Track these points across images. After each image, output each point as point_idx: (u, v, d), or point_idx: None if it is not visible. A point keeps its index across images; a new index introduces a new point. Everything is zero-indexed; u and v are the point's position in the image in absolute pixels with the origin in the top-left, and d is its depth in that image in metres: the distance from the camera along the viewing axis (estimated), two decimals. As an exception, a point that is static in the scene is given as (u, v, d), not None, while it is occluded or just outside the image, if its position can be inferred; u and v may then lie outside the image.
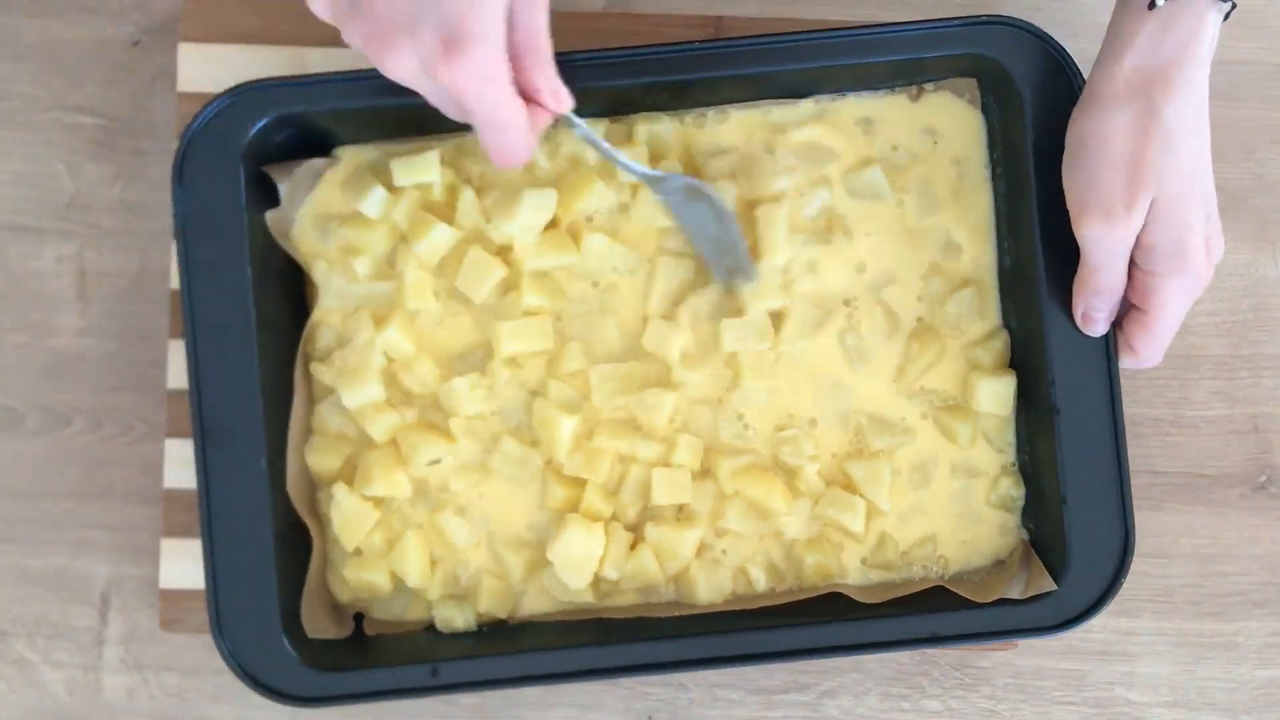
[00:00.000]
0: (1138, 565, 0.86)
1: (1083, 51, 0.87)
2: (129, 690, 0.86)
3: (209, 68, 0.84)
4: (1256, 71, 0.88)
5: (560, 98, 0.70)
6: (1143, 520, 0.86)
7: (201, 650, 0.86)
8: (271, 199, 0.81)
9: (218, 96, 0.78)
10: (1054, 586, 0.78)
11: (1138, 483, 0.86)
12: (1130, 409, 0.86)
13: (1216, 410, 0.87)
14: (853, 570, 0.82)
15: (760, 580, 0.82)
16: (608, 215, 0.83)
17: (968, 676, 0.86)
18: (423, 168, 0.81)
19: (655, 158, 0.82)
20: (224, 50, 0.85)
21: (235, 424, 0.78)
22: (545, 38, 0.68)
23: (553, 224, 0.82)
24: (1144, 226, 0.73)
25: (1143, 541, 0.86)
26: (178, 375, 0.85)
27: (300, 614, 0.79)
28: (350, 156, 0.83)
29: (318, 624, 0.80)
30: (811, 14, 0.87)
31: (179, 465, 0.84)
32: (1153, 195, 0.72)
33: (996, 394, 0.82)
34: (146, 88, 0.88)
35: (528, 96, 0.69)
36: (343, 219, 0.82)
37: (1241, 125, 0.88)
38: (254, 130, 0.78)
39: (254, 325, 0.78)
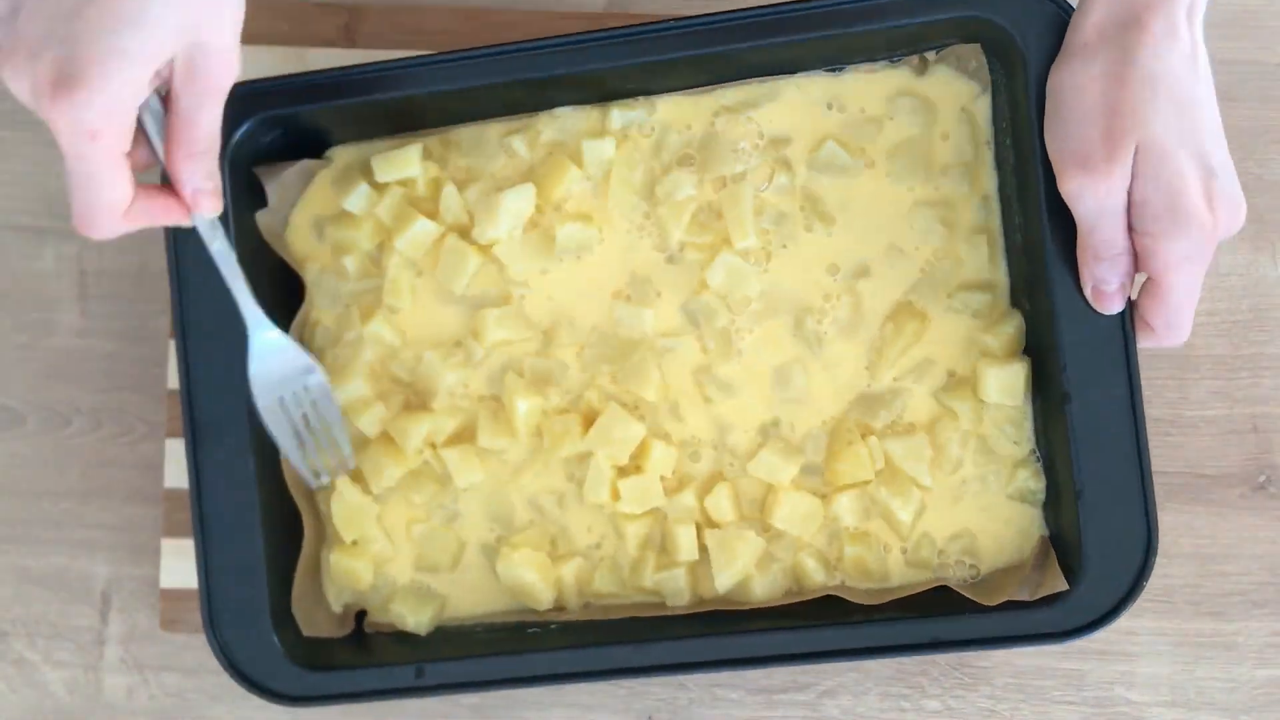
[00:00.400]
0: (1137, 565, 0.86)
1: (1082, 51, 0.87)
2: (129, 690, 0.86)
3: (209, 68, 0.84)
4: (1256, 71, 0.88)
5: (199, 200, 0.66)
6: (1142, 520, 0.86)
7: (201, 650, 0.86)
8: (263, 200, 0.81)
9: None
10: (1065, 587, 0.74)
11: (1137, 483, 0.86)
12: (1130, 409, 0.87)
13: (1216, 410, 0.87)
14: (895, 569, 0.80)
15: (818, 572, 0.80)
16: (580, 199, 0.83)
17: (968, 676, 0.86)
18: (404, 162, 0.81)
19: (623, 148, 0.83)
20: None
21: (225, 422, 0.78)
22: (205, 130, 0.64)
23: (536, 210, 0.82)
24: (1132, 183, 0.68)
25: (1142, 541, 0.86)
26: (177, 375, 0.85)
27: (292, 611, 0.79)
28: (341, 156, 0.83)
29: (313, 620, 0.80)
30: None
31: (179, 465, 0.84)
32: (1134, 144, 0.67)
33: (1005, 383, 0.78)
34: (146, 88, 0.88)
35: (170, 185, 0.65)
36: (332, 218, 0.82)
37: (1241, 125, 0.88)
38: (239, 133, 0.78)
39: (245, 325, 0.78)
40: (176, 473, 0.85)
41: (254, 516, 0.78)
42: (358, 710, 0.85)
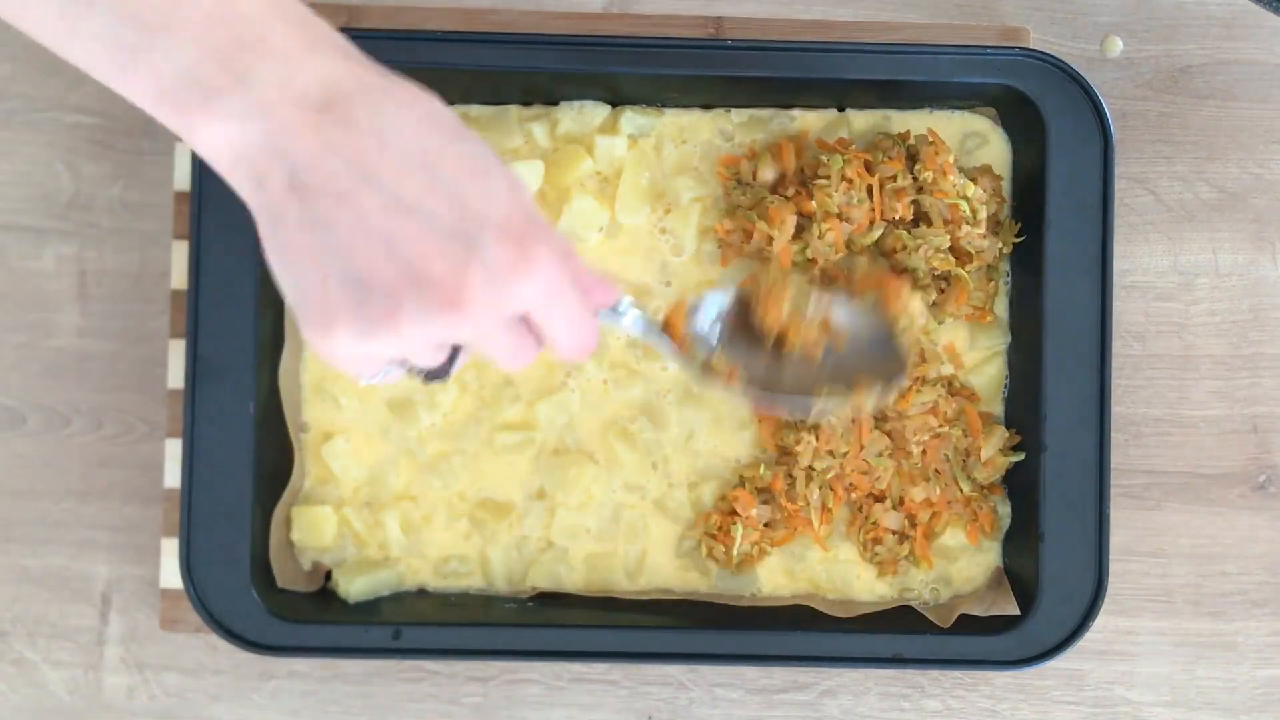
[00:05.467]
0: (1138, 565, 0.86)
1: (1082, 52, 0.87)
2: (129, 690, 0.86)
3: (209, 68, 0.85)
4: (1256, 71, 0.88)
5: (612, 288, 0.65)
6: (1142, 520, 0.86)
7: (202, 650, 0.86)
8: None
9: None
10: (1016, 611, 0.79)
11: (1137, 483, 0.87)
12: (1130, 409, 0.87)
13: (1216, 410, 0.87)
14: (866, 586, 0.84)
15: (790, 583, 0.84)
16: (599, 183, 0.84)
17: (968, 676, 0.86)
18: None
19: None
20: (224, 50, 0.85)
21: (229, 364, 0.78)
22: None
23: (542, 198, 0.84)
24: None
25: (1142, 541, 0.86)
26: (178, 375, 0.85)
27: (270, 561, 0.81)
28: None
29: (286, 574, 0.81)
30: (810, 14, 0.87)
31: (179, 465, 0.84)
32: None
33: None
34: (146, 88, 0.88)
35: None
36: None
37: (1240, 125, 0.88)
38: None
39: (258, 270, 0.79)
40: (177, 472, 0.85)
41: (247, 461, 0.78)
42: (358, 707, 0.85)
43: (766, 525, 0.81)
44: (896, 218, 0.81)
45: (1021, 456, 0.81)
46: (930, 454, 0.81)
